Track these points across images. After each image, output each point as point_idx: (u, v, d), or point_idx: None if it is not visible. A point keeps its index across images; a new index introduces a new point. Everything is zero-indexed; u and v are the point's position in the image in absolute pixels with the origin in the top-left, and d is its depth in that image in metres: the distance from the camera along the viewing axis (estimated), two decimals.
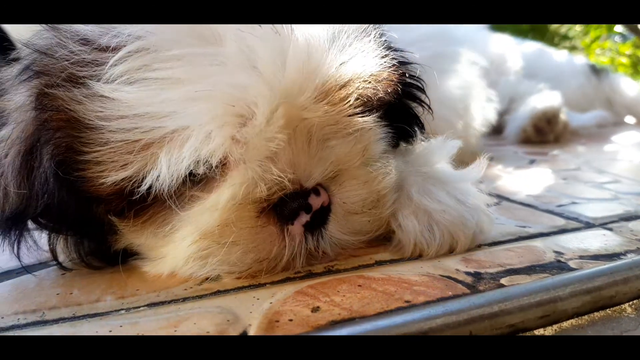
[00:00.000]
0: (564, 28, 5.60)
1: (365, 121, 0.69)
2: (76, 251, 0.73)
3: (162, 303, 0.64)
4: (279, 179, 0.63)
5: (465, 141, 0.95)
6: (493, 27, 2.13)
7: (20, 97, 0.69)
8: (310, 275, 0.70)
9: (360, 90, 0.66)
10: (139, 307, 0.63)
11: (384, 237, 0.79)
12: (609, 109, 2.37)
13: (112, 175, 0.61)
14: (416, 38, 1.08)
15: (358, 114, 0.68)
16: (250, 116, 0.59)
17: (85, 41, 0.62)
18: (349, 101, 0.65)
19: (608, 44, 5.73)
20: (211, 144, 0.58)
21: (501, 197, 1.13)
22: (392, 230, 0.77)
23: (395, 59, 0.73)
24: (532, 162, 1.61)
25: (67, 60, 0.62)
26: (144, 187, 0.60)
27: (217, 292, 0.66)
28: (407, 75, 0.78)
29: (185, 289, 0.67)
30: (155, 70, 0.57)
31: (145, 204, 0.65)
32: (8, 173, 0.68)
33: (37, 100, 0.65)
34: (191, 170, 0.61)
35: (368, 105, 0.70)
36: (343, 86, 0.64)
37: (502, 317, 0.58)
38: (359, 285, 0.66)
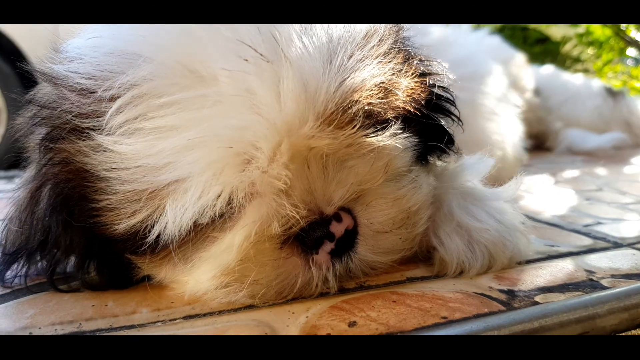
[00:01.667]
0: (575, 51, 5.63)
1: (380, 140, 0.64)
2: (81, 278, 0.72)
3: (198, 316, 0.64)
4: (295, 212, 0.61)
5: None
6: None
7: (33, 140, 0.70)
8: (342, 290, 0.70)
9: (368, 106, 0.61)
10: (175, 319, 0.63)
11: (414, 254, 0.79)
12: (627, 131, 2.36)
13: (123, 222, 0.61)
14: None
15: (370, 133, 0.64)
16: (253, 156, 0.57)
17: (84, 93, 0.61)
18: (357, 121, 0.61)
19: (620, 67, 5.74)
20: (212, 192, 0.56)
21: (526, 217, 1.12)
22: (430, 247, 0.77)
23: (419, 66, 0.71)
24: (553, 182, 1.60)
25: (69, 113, 0.61)
26: (152, 237, 0.59)
27: (251, 306, 0.66)
28: (434, 85, 0.75)
29: (219, 303, 0.67)
30: (150, 119, 0.56)
31: (160, 245, 0.63)
32: (17, 210, 0.72)
33: (42, 148, 0.66)
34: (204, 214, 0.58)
35: (381, 119, 0.65)
36: (347, 107, 0.59)
37: (542, 333, 0.58)
38: (394, 301, 0.66)
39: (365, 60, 0.61)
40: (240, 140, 0.56)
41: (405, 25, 0.74)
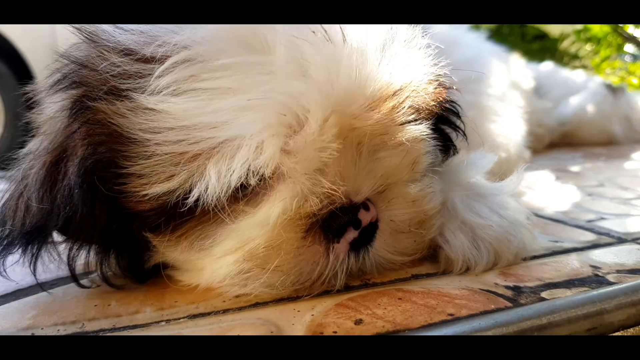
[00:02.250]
0: (573, 47, 5.63)
1: (418, 129, 0.67)
2: (99, 268, 0.71)
3: (202, 315, 0.63)
4: (331, 191, 0.61)
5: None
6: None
7: (52, 108, 0.68)
8: (347, 288, 0.69)
9: (411, 99, 0.65)
10: (179, 318, 0.63)
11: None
12: (628, 126, 2.36)
13: (155, 187, 0.60)
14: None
15: (410, 121, 0.66)
16: (303, 125, 0.58)
17: (127, 52, 0.61)
18: (401, 109, 0.64)
19: (618, 63, 5.75)
20: (264, 154, 0.57)
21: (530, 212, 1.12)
22: (435, 245, 0.76)
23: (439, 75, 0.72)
24: (555, 177, 1.60)
25: (108, 73, 0.60)
26: (191, 199, 0.59)
27: (256, 304, 0.65)
28: (446, 100, 0.77)
29: (224, 301, 0.67)
30: (203, 81, 0.56)
31: (182, 219, 0.64)
32: (32, 185, 0.67)
33: (74, 112, 0.64)
34: (242, 183, 0.59)
35: (418, 115, 0.68)
36: (394, 95, 0.62)
37: (551, 330, 0.57)
38: (399, 299, 0.66)
39: (411, 61, 0.65)
40: (294, 106, 0.57)
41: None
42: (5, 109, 2.81)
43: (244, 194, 0.63)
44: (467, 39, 1.54)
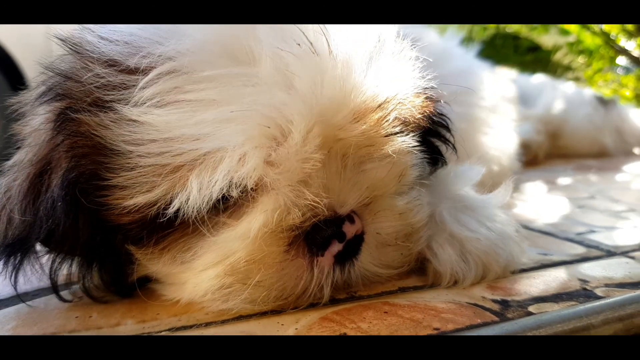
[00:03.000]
0: (566, 59, 5.67)
1: (404, 141, 0.66)
2: (81, 281, 0.69)
3: (185, 327, 0.63)
4: (314, 204, 0.61)
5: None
6: (496, 62, 2.14)
7: (37, 120, 0.68)
8: (333, 301, 0.68)
9: (397, 112, 0.64)
10: (161, 331, 0.62)
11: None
12: (619, 138, 2.37)
13: (136, 198, 0.59)
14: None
15: (396, 133, 0.66)
16: (286, 136, 0.58)
17: (111, 63, 0.60)
18: (386, 121, 0.63)
19: (610, 75, 5.78)
20: (246, 166, 0.56)
21: (519, 225, 1.11)
22: (423, 258, 0.75)
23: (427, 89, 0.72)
24: (545, 190, 1.60)
25: (92, 84, 0.60)
26: (171, 210, 0.58)
27: (240, 317, 0.65)
28: (434, 113, 0.77)
29: (207, 314, 0.66)
30: (187, 92, 0.56)
31: (164, 232, 0.63)
32: (15, 197, 0.66)
33: (58, 124, 0.63)
34: (223, 195, 0.58)
35: (406, 127, 0.67)
36: (380, 106, 0.62)
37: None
38: (385, 312, 0.65)
39: (397, 71, 0.65)
40: (277, 118, 0.57)
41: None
42: None
43: (226, 206, 0.62)
44: (458, 52, 1.54)
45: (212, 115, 0.56)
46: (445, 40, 1.52)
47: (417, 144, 0.69)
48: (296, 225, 0.61)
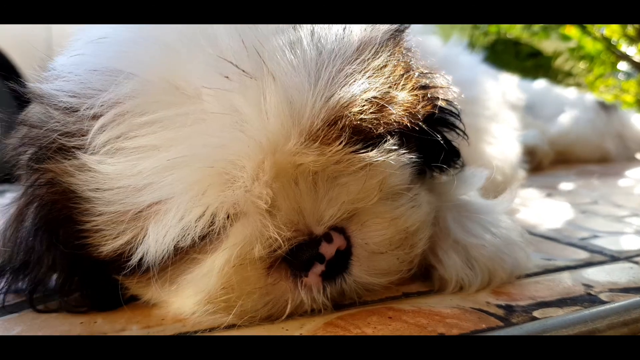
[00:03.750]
0: (567, 65, 5.67)
1: (370, 156, 0.61)
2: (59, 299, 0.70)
3: (189, 333, 0.62)
4: (279, 232, 0.58)
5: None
6: (497, 67, 2.14)
7: (23, 160, 0.68)
8: (337, 306, 0.68)
9: (357, 121, 0.59)
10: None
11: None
12: (620, 144, 2.37)
13: (109, 243, 0.59)
14: None
15: (361, 147, 0.61)
16: (235, 175, 0.55)
17: (69, 111, 0.59)
18: (345, 137, 0.58)
19: (612, 81, 5.78)
20: (192, 213, 0.54)
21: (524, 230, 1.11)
22: (428, 264, 0.75)
23: (421, 78, 0.69)
24: (548, 195, 1.60)
25: (55, 132, 0.59)
26: (135, 259, 0.58)
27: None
28: (437, 98, 0.72)
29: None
30: (132, 139, 0.55)
31: (145, 267, 0.61)
32: (2, 226, 0.70)
33: (28, 174, 0.65)
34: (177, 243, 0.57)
35: (373, 134, 0.62)
36: (333, 123, 0.57)
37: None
38: (390, 317, 0.65)
39: (356, 74, 0.59)
40: (221, 159, 0.54)
41: (407, 36, 0.71)
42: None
43: (195, 244, 0.60)
44: (462, 59, 1.54)
45: (152, 163, 0.54)
46: (448, 47, 1.51)
47: (397, 147, 0.65)
48: (266, 256, 0.60)
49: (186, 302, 0.64)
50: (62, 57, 0.66)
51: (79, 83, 0.59)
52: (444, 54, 1.41)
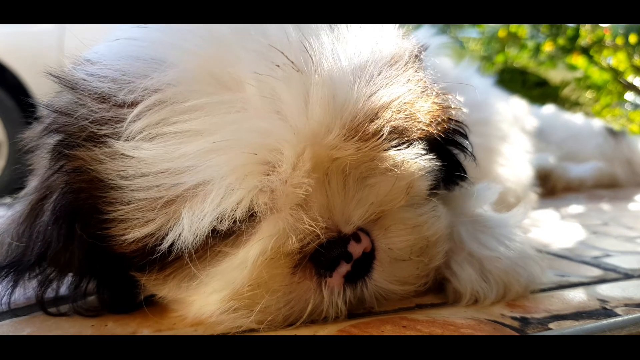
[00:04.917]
0: (574, 94, 5.70)
1: (404, 154, 0.63)
2: (71, 301, 0.69)
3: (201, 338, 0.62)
4: (312, 227, 0.58)
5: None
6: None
7: (41, 152, 0.69)
8: (351, 315, 0.67)
9: (394, 122, 0.61)
10: None
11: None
12: (629, 169, 2.37)
13: (134, 232, 0.59)
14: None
15: (395, 146, 0.63)
16: (276, 163, 0.56)
17: (103, 98, 0.60)
18: (382, 134, 0.60)
19: (619, 110, 5.81)
20: (233, 197, 0.55)
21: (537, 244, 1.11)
22: (442, 277, 0.74)
23: (438, 96, 0.70)
24: (559, 217, 1.60)
25: (86, 119, 0.59)
26: (165, 245, 0.57)
27: (256, 330, 0.64)
28: (451, 120, 0.74)
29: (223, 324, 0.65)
30: (173, 124, 0.55)
31: (167, 261, 0.61)
32: (16, 221, 0.69)
33: (53, 159, 0.64)
34: (215, 227, 0.57)
35: (406, 137, 0.64)
36: (373, 119, 0.59)
37: None
38: (404, 327, 0.64)
39: (393, 79, 0.61)
40: (264, 146, 0.55)
41: (424, 57, 0.74)
42: (9, 143, 2.82)
43: (227, 235, 0.60)
44: (476, 82, 1.55)
45: (195, 147, 0.54)
46: (461, 69, 1.52)
47: (425, 152, 0.67)
48: (297, 250, 0.60)
49: (209, 299, 0.63)
50: (99, 45, 0.67)
51: (116, 69, 0.60)
52: (455, 75, 1.42)
